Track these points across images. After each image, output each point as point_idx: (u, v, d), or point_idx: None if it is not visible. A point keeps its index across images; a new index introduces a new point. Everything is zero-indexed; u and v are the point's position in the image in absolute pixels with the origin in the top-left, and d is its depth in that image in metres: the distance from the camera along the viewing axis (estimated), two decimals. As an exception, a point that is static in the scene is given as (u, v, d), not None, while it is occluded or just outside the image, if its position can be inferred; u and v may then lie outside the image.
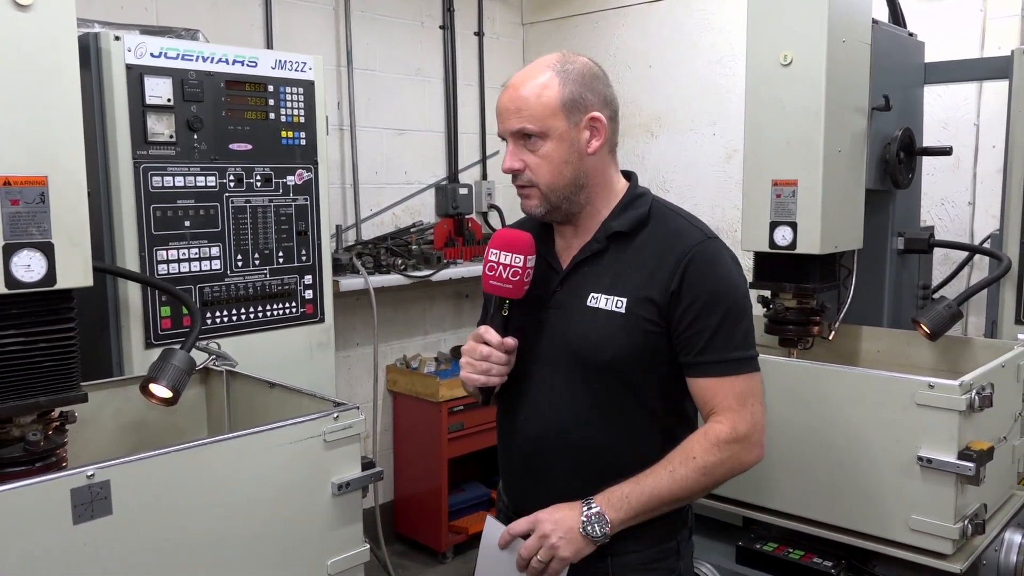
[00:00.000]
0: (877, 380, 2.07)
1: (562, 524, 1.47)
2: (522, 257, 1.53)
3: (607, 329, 1.53)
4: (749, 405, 1.55)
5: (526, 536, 1.51)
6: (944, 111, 3.37)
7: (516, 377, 1.61)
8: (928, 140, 3.02)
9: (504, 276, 1.53)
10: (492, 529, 1.59)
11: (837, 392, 2.13)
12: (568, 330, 1.58)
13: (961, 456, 1.93)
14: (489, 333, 1.54)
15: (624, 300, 1.53)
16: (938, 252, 3.34)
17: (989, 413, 2.01)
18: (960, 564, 1.96)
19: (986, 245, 3.06)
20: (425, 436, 4.06)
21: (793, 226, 2.38)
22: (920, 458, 1.97)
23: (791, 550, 2.19)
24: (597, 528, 1.46)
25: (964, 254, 3.27)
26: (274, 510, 1.66)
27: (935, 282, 3.29)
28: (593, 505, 1.48)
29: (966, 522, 1.97)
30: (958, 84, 3.25)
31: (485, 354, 1.54)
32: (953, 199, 3.42)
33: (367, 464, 1.83)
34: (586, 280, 1.59)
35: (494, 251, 1.55)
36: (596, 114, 1.54)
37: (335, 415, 1.74)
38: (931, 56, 2.93)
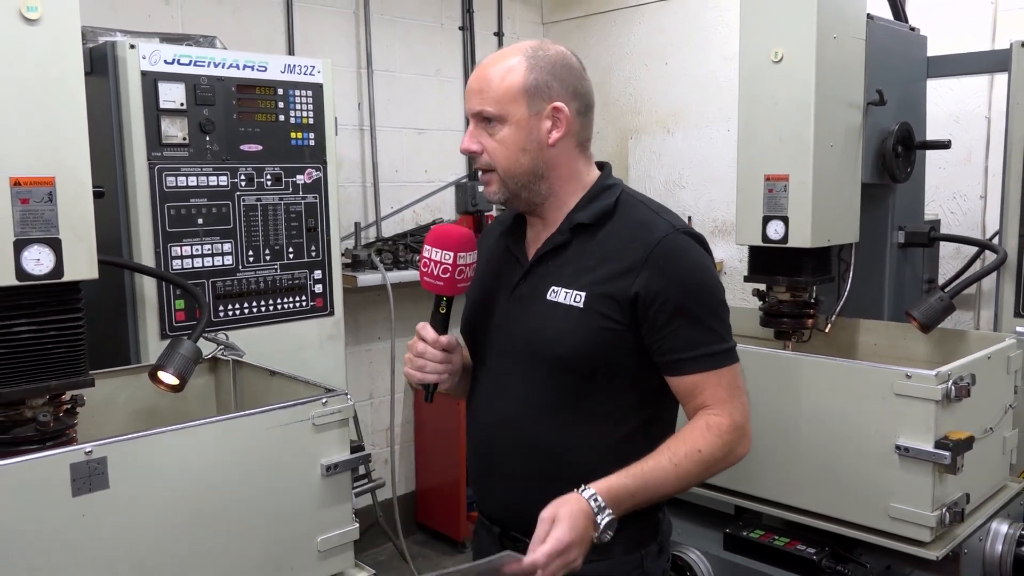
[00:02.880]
0: (857, 371, 2.11)
1: (584, 541, 1.34)
2: (451, 254, 1.50)
3: (563, 323, 1.48)
4: (738, 395, 1.50)
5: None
6: (955, 104, 3.35)
7: (477, 372, 1.63)
8: (939, 134, 3.01)
9: (435, 273, 1.51)
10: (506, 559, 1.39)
11: (819, 382, 2.17)
12: (525, 324, 1.54)
13: (938, 445, 1.96)
14: (425, 330, 1.54)
15: (583, 294, 1.48)
16: (950, 246, 3.33)
17: (970, 403, 2.04)
18: (937, 552, 1.99)
19: (996, 240, 3.04)
20: (444, 428, 4.16)
21: (785, 220, 2.42)
22: (898, 447, 2.00)
23: (776, 537, 2.24)
24: (607, 535, 1.37)
25: (975, 249, 3.25)
26: (265, 489, 1.76)
27: (949, 276, 3.28)
28: (607, 510, 1.36)
29: (944, 510, 2.00)
30: (970, 77, 3.23)
31: (420, 351, 1.54)
32: (965, 193, 3.40)
33: (356, 448, 1.93)
34: (549, 273, 1.54)
35: (427, 247, 1.52)
36: (559, 104, 1.49)
37: (324, 400, 1.84)
38: (942, 49, 2.93)
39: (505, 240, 1.64)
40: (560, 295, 1.50)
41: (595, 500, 1.36)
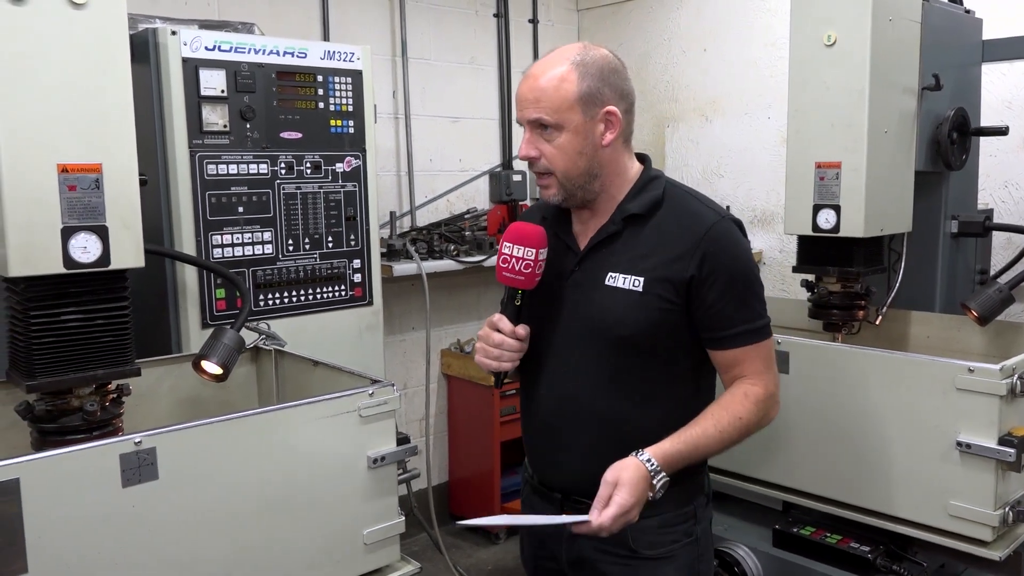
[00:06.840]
0: (916, 364, 2.05)
1: (642, 501, 1.50)
2: (534, 251, 1.59)
3: (625, 306, 1.60)
4: (772, 367, 1.67)
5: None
6: (1008, 90, 3.25)
7: (535, 354, 1.69)
8: (992, 120, 2.93)
9: (516, 268, 1.60)
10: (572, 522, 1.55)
11: (876, 376, 2.11)
12: (587, 308, 1.65)
13: (1001, 442, 1.90)
14: (503, 322, 1.62)
15: (641, 279, 1.60)
16: (1001, 236, 3.24)
17: (1033, 398, 1.97)
18: (1000, 551, 1.93)
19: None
20: (478, 419, 4.13)
21: (837, 209, 2.35)
22: (959, 443, 1.95)
23: (828, 534, 2.19)
24: (661, 493, 1.52)
25: (1028, 239, 3.16)
26: (311, 480, 1.74)
27: (998, 267, 3.19)
28: (661, 473, 1.51)
29: (1007, 509, 1.94)
30: (1023, 62, 3.14)
31: (497, 341, 1.62)
32: (1017, 181, 3.30)
33: (402, 440, 1.90)
34: (603, 260, 1.65)
35: (507, 244, 1.61)
36: (612, 108, 1.60)
37: (370, 391, 1.82)
38: (996, 32, 2.84)
39: (553, 228, 1.72)
40: (619, 280, 1.62)
41: (651, 464, 1.51)
